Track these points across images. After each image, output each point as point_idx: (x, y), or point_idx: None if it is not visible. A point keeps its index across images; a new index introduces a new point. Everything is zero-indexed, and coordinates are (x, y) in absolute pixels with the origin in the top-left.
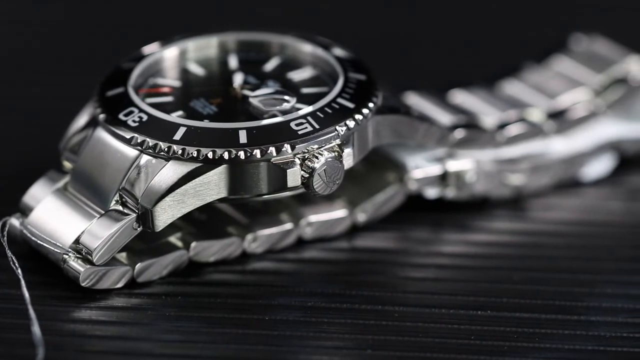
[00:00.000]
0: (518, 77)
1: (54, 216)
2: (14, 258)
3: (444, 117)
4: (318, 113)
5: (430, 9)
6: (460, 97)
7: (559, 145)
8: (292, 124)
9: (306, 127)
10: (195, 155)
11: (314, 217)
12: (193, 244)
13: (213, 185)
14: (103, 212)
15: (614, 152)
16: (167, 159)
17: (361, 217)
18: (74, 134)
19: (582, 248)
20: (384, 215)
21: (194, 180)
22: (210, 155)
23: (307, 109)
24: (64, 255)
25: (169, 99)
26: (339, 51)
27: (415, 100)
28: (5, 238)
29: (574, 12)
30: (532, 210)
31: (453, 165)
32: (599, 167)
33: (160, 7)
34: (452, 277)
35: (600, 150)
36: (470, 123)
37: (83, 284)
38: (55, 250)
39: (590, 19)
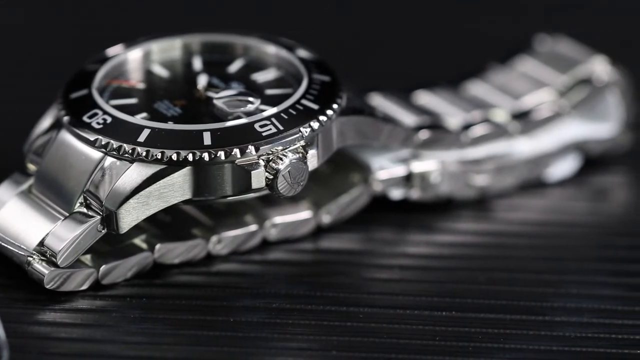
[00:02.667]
0: (482, 77)
1: (18, 218)
2: None
3: (408, 118)
4: (282, 114)
5: (393, 10)
6: (425, 98)
7: (524, 146)
8: (256, 126)
9: (270, 129)
10: (159, 157)
11: (279, 219)
12: (158, 246)
13: (177, 187)
14: (67, 214)
15: (579, 152)
16: (132, 161)
17: (326, 218)
18: (38, 136)
19: (547, 248)
20: (349, 217)
21: (158, 182)
22: (174, 157)
23: (271, 111)
24: (29, 258)
25: (133, 100)
26: (303, 52)
27: (379, 102)
28: None
29: (538, 13)
30: (497, 211)
31: (418, 166)
32: (564, 167)
33: (124, 9)
34: (416, 278)
35: (564, 151)
36: (435, 124)
37: (48, 286)
38: (20, 252)
39: (554, 19)
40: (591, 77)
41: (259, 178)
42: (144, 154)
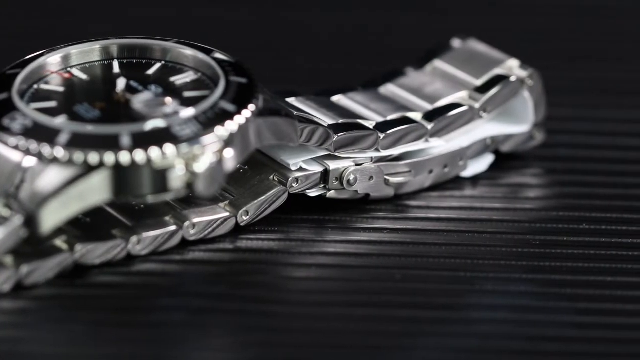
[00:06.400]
0: (399, 80)
1: None
2: None
3: (326, 120)
4: (200, 116)
5: (311, 14)
6: (342, 100)
7: (439, 145)
8: (175, 127)
9: (188, 130)
10: (79, 159)
11: (198, 219)
12: (78, 247)
13: (97, 189)
14: None
15: (493, 150)
16: (51, 163)
17: (244, 218)
18: None
19: (462, 246)
20: (267, 216)
21: (78, 184)
22: (94, 158)
23: (189, 112)
24: None
25: (53, 104)
26: (220, 55)
27: (297, 104)
28: None
29: (452, 15)
30: (413, 209)
31: (335, 166)
32: (478, 166)
33: (44, 15)
34: (334, 276)
35: (479, 150)
36: (352, 125)
37: None
38: None
39: (465, 23)
40: (505, 79)
41: (177, 179)
42: (64, 156)
